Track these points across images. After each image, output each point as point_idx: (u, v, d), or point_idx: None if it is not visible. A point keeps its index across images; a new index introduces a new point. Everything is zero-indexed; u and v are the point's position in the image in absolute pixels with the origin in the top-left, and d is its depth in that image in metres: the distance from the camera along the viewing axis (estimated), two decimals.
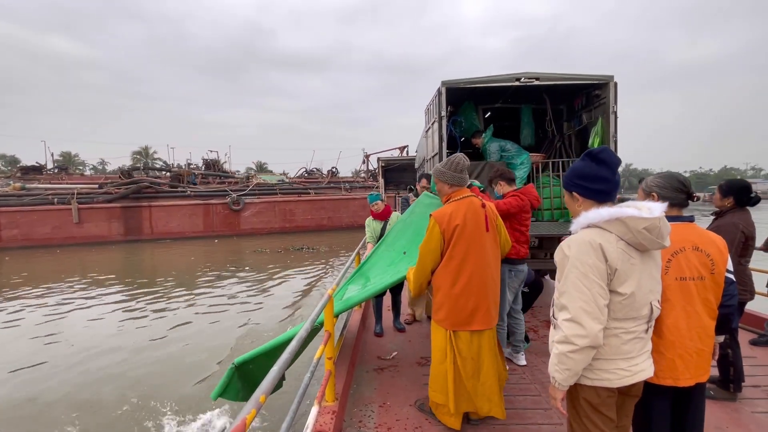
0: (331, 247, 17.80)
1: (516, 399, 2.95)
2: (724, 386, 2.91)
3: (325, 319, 2.64)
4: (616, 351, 1.50)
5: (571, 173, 1.65)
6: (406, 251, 3.64)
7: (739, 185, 2.96)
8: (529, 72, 5.01)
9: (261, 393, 1.29)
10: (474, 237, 2.48)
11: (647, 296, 1.51)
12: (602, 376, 1.51)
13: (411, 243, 3.67)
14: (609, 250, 1.45)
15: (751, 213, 2.97)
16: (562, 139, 6.32)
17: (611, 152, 1.59)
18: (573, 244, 1.50)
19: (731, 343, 2.86)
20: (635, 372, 1.52)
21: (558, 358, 1.47)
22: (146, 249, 18.42)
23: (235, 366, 2.82)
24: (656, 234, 1.44)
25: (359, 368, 3.56)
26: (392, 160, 14.24)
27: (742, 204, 2.90)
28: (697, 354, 1.68)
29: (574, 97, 5.94)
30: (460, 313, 2.48)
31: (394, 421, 2.70)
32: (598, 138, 5.24)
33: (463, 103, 6.34)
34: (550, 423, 2.65)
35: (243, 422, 1.13)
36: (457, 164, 2.59)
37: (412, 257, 3.49)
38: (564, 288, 1.48)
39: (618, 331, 1.50)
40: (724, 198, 2.95)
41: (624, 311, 1.49)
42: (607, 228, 1.49)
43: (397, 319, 4.59)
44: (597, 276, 1.43)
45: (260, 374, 3.13)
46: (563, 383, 1.49)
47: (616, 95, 4.99)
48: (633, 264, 1.48)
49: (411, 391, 3.13)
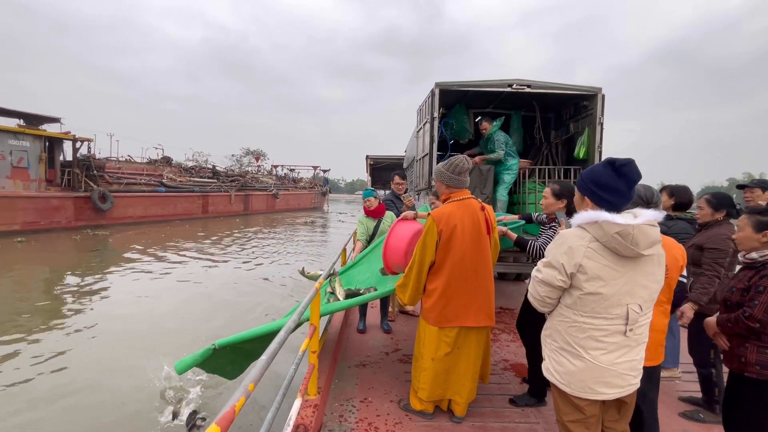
0: None
1: (495, 398, 3.02)
2: (710, 408, 2.85)
3: (311, 312, 2.63)
4: (593, 347, 1.60)
5: (588, 178, 1.67)
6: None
7: (728, 199, 2.91)
8: (522, 79, 5.10)
9: (250, 381, 1.29)
10: (472, 237, 2.52)
11: (622, 298, 1.57)
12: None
13: None
14: (578, 247, 1.59)
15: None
16: (549, 147, 6.45)
17: (634, 167, 1.59)
18: (558, 237, 1.70)
19: (715, 362, 2.82)
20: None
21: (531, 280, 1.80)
22: (255, 219, 29.53)
23: (215, 347, 2.79)
24: (630, 240, 1.51)
25: (341, 364, 3.56)
26: (381, 158, 14.23)
27: (732, 216, 2.85)
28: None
29: (562, 106, 6.07)
30: (453, 310, 2.54)
31: (374, 417, 2.72)
32: (584, 148, 5.37)
33: (455, 105, 6.40)
34: (527, 422, 2.72)
35: (232, 409, 1.12)
36: (456, 166, 2.61)
37: None
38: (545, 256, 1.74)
39: (587, 326, 1.60)
40: (716, 212, 2.88)
41: (590, 306, 1.58)
42: (587, 228, 1.60)
43: (384, 320, 4.60)
44: (557, 266, 1.64)
45: (238, 357, 3.12)
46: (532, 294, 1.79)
47: (603, 107, 5.12)
48: (605, 265, 1.55)
49: (392, 387, 3.15)
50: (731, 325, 2.03)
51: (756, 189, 3.22)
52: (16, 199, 15.54)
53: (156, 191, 22.86)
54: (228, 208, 29.17)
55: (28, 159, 16.36)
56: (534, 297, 1.75)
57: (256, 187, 34.75)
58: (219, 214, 27.87)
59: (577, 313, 1.62)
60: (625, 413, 1.76)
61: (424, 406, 2.70)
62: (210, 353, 2.80)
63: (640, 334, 1.63)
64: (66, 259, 12.37)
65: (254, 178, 37.63)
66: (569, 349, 1.64)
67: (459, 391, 2.63)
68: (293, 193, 41.37)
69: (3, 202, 15.04)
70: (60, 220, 17.22)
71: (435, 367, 2.59)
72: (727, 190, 58.69)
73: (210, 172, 31.21)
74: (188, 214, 24.95)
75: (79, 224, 17.88)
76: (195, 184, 26.84)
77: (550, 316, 1.77)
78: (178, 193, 24.42)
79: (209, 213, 27.07)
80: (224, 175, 31.75)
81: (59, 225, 17.13)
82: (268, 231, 21.87)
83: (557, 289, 1.66)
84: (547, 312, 1.77)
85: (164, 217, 22.91)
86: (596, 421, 1.68)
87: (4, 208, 15.08)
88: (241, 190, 31.40)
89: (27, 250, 13.52)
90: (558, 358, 1.69)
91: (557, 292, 1.67)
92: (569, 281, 1.62)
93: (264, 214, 33.53)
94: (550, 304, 1.72)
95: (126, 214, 20.32)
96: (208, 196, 27.01)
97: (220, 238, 17.86)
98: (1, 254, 12.41)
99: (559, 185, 2.83)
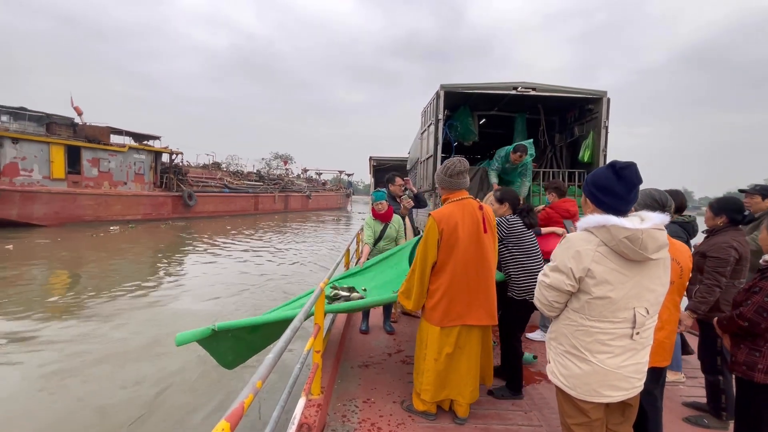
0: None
1: (498, 400, 3.01)
2: (716, 414, 2.79)
3: (316, 312, 2.64)
4: (599, 350, 1.60)
5: (591, 179, 1.69)
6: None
7: (731, 203, 2.80)
8: (527, 82, 5.11)
9: (258, 378, 1.30)
10: (472, 236, 2.54)
11: (630, 302, 1.57)
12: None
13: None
14: (586, 251, 1.58)
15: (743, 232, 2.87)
16: (554, 150, 6.45)
17: (635, 170, 1.59)
18: (565, 241, 1.68)
19: (722, 370, 2.78)
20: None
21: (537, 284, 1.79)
22: (293, 215, 35.34)
23: (215, 329, 2.79)
24: (638, 245, 1.50)
25: (344, 364, 3.57)
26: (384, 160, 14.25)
27: (736, 222, 2.76)
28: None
29: (567, 109, 6.07)
30: (456, 309, 2.55)
31: (377, 417, 2.72)
32: (588, 151, 5.38)
33: (460, 108, 6.41)
34: (530, 424, 2.71)
35: (241, 405, 1.14)
36: (451, 169, 2.64)
37: None
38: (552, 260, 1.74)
39: (594, 330, 1.59)
40: (716, 217, 2.82)
41: (597, 311, 1.57)
42: (594, 232, 1.60)
43: (387, 321, 4.60)
44: (565, 270, 1.63)
45: (239, 347, 3.12)
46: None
47: (608, 110, 5.12)
48: (613, 269, 1.55)
49: (395, 388, 3.15)
50: (726, 323, 2.10)
51: (756, 196, 3.20)
52: (140, 197, 22.69)
53: (222, 192, 29.62)
54: (272, 206, 35.19)
55: (144, 168, 23.43)
56: (541, 302, 1.74)
57: (293, 189, 41.16)
58: (266, 211, 34.07)
59: (584, 317, 1.61)
60: (629, 416, 1.76)
61: (426, 407, 2.70)
62: (209, 333, 2.79)
63: (647, 338, 1.64)
64: (168, 238, 17.88)
65: (290, 181, 43.36)
66: (575, 352, 1.64)
67: (461, 391, 2.63)
68: (322, 195, 47.62)
69: (132, 198, 22.16)
70: (163, 213, 24.06)
71: (438, 367, 2.60)
72: None
73: (256, 176, 37.76)
74: (244, 210, 31.51)
75: (173, 216, 24.62)
76: (249, 186, 33.35)
77: (555, 320, 1.76)
78: (237, 194, 31.12)
79: (258, 210, 33.29)
80: (268, 179, 37.93)
81: (162, 216, 23.85)
82: (311, 224, 28.10)
83: (565, 293, 1.65)
84: (554, 316, 1.77)
85: (228, 212, 29.53)
86: (601, 424, 1.68)
87: (133, 203, 22.20)
88: (282, 191, 37.55)
89: (137, 232, 19.03)
90: (564, 361, 1.69)
91: (565, 296, 1.66)
92: (578, 285, 1.61)
93: (299, 212, 39.66)
94: (557, 308, 1.70)
95: (204, 209, 26.95)
96: (258, 196, 33.32)
97: (273, 227, 24.23)
98: (126, 235, 17.97)
99: (500, 191, 3.27)
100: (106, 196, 20.66)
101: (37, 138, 18.13)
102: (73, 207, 19.08)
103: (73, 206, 19.09)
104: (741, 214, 2.76)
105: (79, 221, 19.12)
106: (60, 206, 18.51)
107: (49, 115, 19.79)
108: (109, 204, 20.76)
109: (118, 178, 21.68)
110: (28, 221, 17.30)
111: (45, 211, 17.89)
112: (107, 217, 20.58)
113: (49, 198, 18.07)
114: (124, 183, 22.06)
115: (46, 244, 14.17)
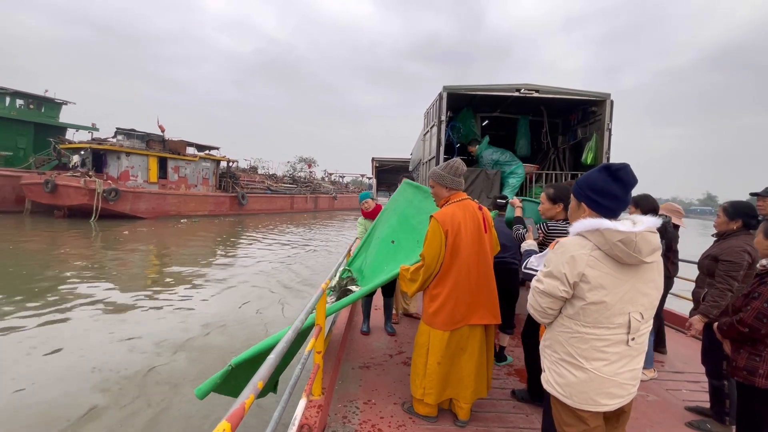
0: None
1: (499, 402, 3.01)
2: (720, 419, 2.78)
3: (317, 313, 2.64)
4: (596, 357, 1.58)
5: (584, 184, 1.66)
6: (394, 240, 3.62)
7: (747, 207, 2.79)
8: (530, 83, 5.10)
9: (258, 379, 1.30)
10: (474, 237, 2.56)
11: (624, 306, 1.55)
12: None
13: (397, 231, 3.66)
14: (580, 256, 1.56)
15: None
16: (557, 152, 6.44)
17: (630, 171, 1.59)
18: (558, 246, 1.66)
19: (728, 374, 2.71)
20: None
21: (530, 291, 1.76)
22: (321, 214, 39.20)
23: (232, 366, 2.70)
24: (632, 248, 1.49)
25: (345, 365, 3.57)
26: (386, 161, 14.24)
27: (750, 227, 2.75)
28: None
29: (570, 111, 6.06)
30: (460, 311, 2.55)
31: (378, 419, 2.72)
32: (591, 153, 5.36)
33: (462, 109, 6.41)
34: (531, 427, 2.70)
35: (242, 406, 1.13)
36: (456, 168, 2.67)
37: (400, 246, 3.49)
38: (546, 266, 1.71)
39: (589, 337, 1.57)
40: (731, 221, 2.79)
41: (592, 317, 1.56)
42: (588, 237, 1.58)
43: (388, 323, 4.59)
44: (559, 276, 1.61)
45: (253, 374, 3.07)
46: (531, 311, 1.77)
47: (611, 113, 5.11)
48: (607, 273, 1.53)
49: (396, 389, 3.15)
50: (726, 329, 2.08)
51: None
52: (207, 197, 28.03)
53: (266, 193, 34.80)
54: (304, 206, 39.78)
55: (209, 173, 28.82)
56: (534, 308, 1.71)
57: (322, 191, 45.49)
58: (299, 210, 38.75)
59: (579, 323, 1.59)
60: (624, 421, 1.74)
61: (428, 409, 2.69)
62: (228, 372, 2.68)
63: (641, 343, 1.62)
64: (227, 231, 21.57)
65: (318, 183, 47.65)
66: (570, 360, 1.62)
67: (461, 391, 2.62)
68: (346, 196, 51.99)
69: (201, 198, 27.59)
70: (223, 210, 29.22)
71: (441, 370, 2.59)
72: None
73: (290, 179, 43.20)
74: (282, 209, 36.30)
75: (230, 213, 29.68)
76: (286, 189, 38.42)
77: (549, 327, 1.74)
78: (278, 195, 36.17)
79: (293, 209, 38.02)
80: (300, 181, 43.07)
81: (222, 213, 29.03)
82: (336, 221, 31.94)
83: (559, 299, 1.62)
84: (547, 323, 1.74)
85: (270, 210, 34.26)
86: (601, 431, 1.67)
87: (201, 202, 27.52)
88: (312, 193, 41.94)
89: (201, 225, 23.00)
90: (558, 369, 1.66)
91: (559, 302, 1.64)
92: (572, 291, 1.59)
93: (327, 211, 43.68)
94: (551, 315, 1.68)
95: (253, 207, 31.82)
96: (293, 197, 38.22)
97: (305, 224, 27.85)
98: (193, 227, 22.02)
99: (554, 188, 2.79)
100: (184, 196, 26.44)
101: (140, 152, 24.01)
102: (164, 204, 24.86)
103: (164, 203, 24.87)
104: (756, 218, 2.75)
105: (166, 215, 24.78)
106: (156, 203, 24.30)
107: (149, 134, 25.58)
108: (186, 202, 26.40)
109: (191, 182, 27.31)
110: (135, 214, 22.92)
111: (146, 207, 23.68)
112: (185, 212, 26.07)
113: (149, 197, 23.91)
114: (195, 186, 27.68)
115: (147, 231, 18.92)
